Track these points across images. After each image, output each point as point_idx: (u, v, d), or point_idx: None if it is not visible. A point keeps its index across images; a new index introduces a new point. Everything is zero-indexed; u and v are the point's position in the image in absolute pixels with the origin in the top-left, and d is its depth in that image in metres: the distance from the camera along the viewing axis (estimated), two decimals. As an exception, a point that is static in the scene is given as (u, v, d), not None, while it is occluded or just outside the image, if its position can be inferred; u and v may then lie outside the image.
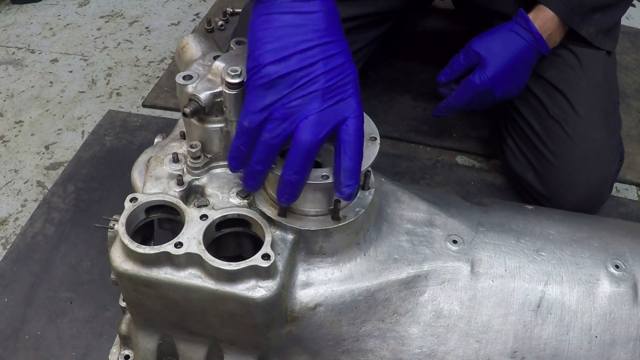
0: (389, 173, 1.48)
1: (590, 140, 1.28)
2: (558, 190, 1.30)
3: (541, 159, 1.32)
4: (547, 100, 1.32)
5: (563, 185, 1.29)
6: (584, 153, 1.27)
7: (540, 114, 1.33)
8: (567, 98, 1.29)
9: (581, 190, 1.28)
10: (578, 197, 1.29)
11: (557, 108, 1.31)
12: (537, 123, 1.34)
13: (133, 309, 0.83)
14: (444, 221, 0.91)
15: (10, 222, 1.39)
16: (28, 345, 1.13)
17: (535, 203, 1.37)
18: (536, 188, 1.34)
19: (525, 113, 1.36)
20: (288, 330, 0.81)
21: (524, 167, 1.38)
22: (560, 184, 1.30)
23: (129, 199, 0.78)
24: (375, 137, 0.80)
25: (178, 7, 2.17)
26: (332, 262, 0.81)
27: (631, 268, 0.89)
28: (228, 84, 0.76)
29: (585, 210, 1.27)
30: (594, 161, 1.28)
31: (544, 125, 1.32)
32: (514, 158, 1.41)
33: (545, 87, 1.33)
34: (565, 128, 1.29)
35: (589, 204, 1.31)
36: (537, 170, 1.34)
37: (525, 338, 0.85)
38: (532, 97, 1.35)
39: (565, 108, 1.29)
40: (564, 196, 1.30)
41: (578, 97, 1.29)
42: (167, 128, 1.57)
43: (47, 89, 1.78)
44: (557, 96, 1.31)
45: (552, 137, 1.30)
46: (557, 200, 1.31)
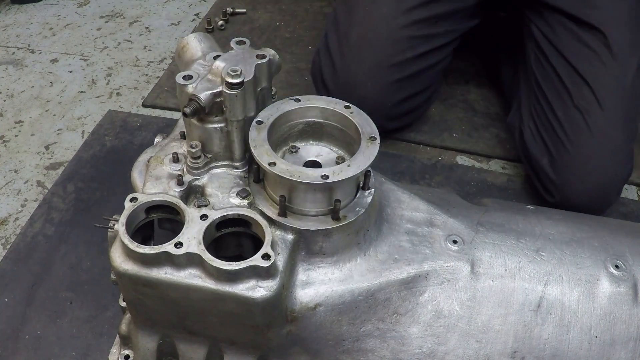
0: (389, 173, 1.48)
1: (610, 137, 1.29)
2: (569, 180, 1.31)
3: (559, 145, 1.33)
4: (573, 90, 1.34)
5: (575, 174, 1.30)
6: (601, 148, 1.29)
7: (565, 101, 1.35)
8: (594, 91, 1.31)
9: (592, 184, 1.29)
10: (587, 191, 1.30)
11: (581, 99, 1.32)
12: (560, 110, 1.35)
13: (133, 309, 0.83)
14: (444, 221, 0.91)
15: (10, 222, 1.39)
16: (28, 345, 1.13)
17: (544, 189, 1.39)
18: (548, 174, 1.36)
19: (551, 98, 1.38)
20: (288, 330, 0.81)
21: (541, 151, 1.39)
22: (573, 174, 1.31)
23: (129, 199, 0.78)
24: (375, 137, 0.80)
25: (178, 7, 2.17)
26: (332, 262, 0.81)
27: (631, 268, 0.89)
28: (228, 84, 0.76)
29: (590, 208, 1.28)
30: (609, 158, 1.29)
31: (566, 113, 1.34)
32: (533, 140, 1.42)
33: (574, 76, 1.34)
34: (587, 119, 1.30)
35: (595, 201, 1.31)
36: (553, 156, 1.35)
37: (525, 338, 0.85)
38: (560, 84, 1.37)
39: (590, 100, 1.31)
40: (574, 186, 1.31)
41: (604, 93, 1.31)
42: (167, 128, 1.57)
43: (47, 89, 1.78)
44: (584, 88, 1.32)
45: (572, 126, 1.32)
46: (566, 190, 1.32)
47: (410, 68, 1.42)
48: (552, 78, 1.39)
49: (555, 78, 1.38)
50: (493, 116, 1.69)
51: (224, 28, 2.02)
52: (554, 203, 1.34)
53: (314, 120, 0.86)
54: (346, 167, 0.76)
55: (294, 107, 0.84)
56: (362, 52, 1.41)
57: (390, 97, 1.44)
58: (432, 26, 1.43)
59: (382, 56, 1.40)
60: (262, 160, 0.76)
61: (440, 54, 1.48)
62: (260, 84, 0.82)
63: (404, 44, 1.40)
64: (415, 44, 1.41)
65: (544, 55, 1.42)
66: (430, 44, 1.43)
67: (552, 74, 1.39)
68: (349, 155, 0.84)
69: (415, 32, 1.41)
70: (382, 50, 1.40)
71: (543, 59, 1.43)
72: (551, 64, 1.40)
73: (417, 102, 1.52)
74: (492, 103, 1.73)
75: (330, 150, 0.87)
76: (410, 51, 1.41)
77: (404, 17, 1.40)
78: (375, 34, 1.40)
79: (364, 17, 1.42)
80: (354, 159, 0.77)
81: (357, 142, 0.80)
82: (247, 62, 0.80)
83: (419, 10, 1.40)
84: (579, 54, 1.34)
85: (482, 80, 1.80)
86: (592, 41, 1.33)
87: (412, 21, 1.40)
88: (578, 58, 1.34)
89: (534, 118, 1.43)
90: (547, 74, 1.41)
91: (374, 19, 1.41)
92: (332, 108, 0.84)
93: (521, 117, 1.49)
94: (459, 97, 1.75)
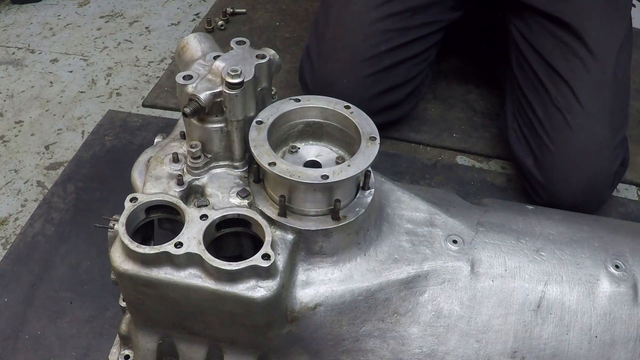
0: (389, 173, 1.48)
1: (591, 133, 1.28)
2: (554, 179, 1.31)
3: (541, 145, 1.33)
4: (552, 88, 1.34)
5: (559, 174, 1.30)
6: (583, 145, 1.28)
7: (544, 101, 1.35)
8: (572, 89, 1.30)
9: (576, 182, 1.29)
10: (573, 189, 1.29)
11: (560, 97, 1.32)
12: (540, 110, 1.35)
13: (133, 309, 0.83)
14: (444, 221, 0.91)
15: (10, 222, 1.39)
16: (28, 345, 1.13)
17: (533, 191, 1.39)
18: (534, 175, 1.35)
19: (531, 99, 1.38)
20: (288, 330, 0.81)
21: (525, 153, 1.39)
22: (557, 173, 1.30)
23: (129, 199, 0.78)
24: (375, 137, 0.80)
25: (178, 7, 2.17)
26: (332, 262, 0.81)
27: (631, 268, 0.89)
28: (228, 84, 0.76)
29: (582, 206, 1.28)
30: (593, 155, 1.28)
31: (546, 113, 1.33)
32: (517, 142, 1.42)
33: (552, 75, 1.34)
34: (566, 117, 1.29)
35: (585, 199, 1.31)
36: (537, 157, 1.35)
37: (525, 338, 0.85)
38: (539, 84, 1.37)
39: (568, 98, 1.30)
40: (559, 186, 1.30)
41: (583, 89, 1.30)
42: (167, 128, 1.57)
43: (47, 89, 1.78)
44: (562, 85, 1.32)
45: (553, 125, 1.31)
46: (553, 190, 1.32)
47: (385, 61, 1.42)
48: (531, 78, 1.39)
49: (534, 78, 1.38)
50: (493, 116, 1.69)
51: (224, 28, 2.02)
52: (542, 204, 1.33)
53: (314, 120, 0.86)
54: (346, 167, 0.76)
55: (294, 107, 0.84)
56: (337, 50, 1.42)
57: (366, 91, 1.43)
58: (407, 19, 1.43)
59: (356, 51, 1.40)
60: (262, 160, 0.76)
61: (419, 46, 1.47)
62: (260, 84, 0.82)
63: (377, 37, 1.41)
64: (389, 37, 1.41)
65: (523, 56, 1.42)
66: (406, 36, 1.43)
67: (530, 73, 1.40)
68: (349, 155, 0.84)
69: (390, 25, 1.41)
70: (356, 45, 1.41)
71: (522, 60, 1.43)
72: (529, 64, 1.40)
73: (398, 95, 1.51)
74: (492, 103, 1.73)
75: (330, 150, 0.87)
76: (385, 44, 1.41)
77: (376, 12, 1.40)
78: (348, 30, 1.41)
79: (338, 15, 1.44)
80: (354, 159, 0.77)
81: (357, 142, 0.80)
82: (247, 62, 0.80)
83: (393, 3, 1.41)
84: (554, 51, 1.34)
85: (482, 80, 1.80)
86: (567, 37, 1.33)
87: (385, 15, 1.40)
88: (554, 55, 1.34)
89: (517, 119, 1.43)
90: (527, 74, 1.41)
91: (348, 16, 1.42)
92: (332, 108, 0.84)
93: (506, 118, 1.49)
94: (459, 97, 1.75)
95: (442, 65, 1.81)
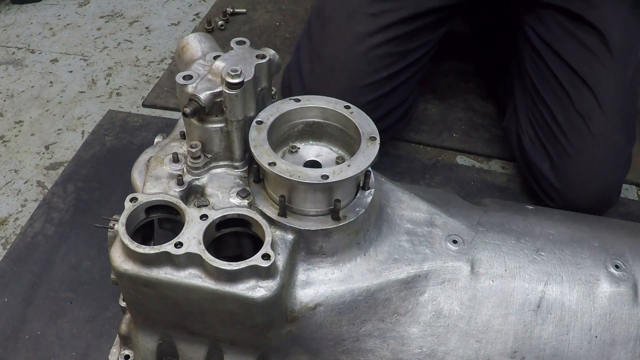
0: (389, 173, 1.47)
1: (612, 141, 1.27)
2: (572, 185, 1.29)
3: (560, 150, 1.31)
4: (573, 93, 1.30)
5: (578, 180, 1.28)
6: (604, 152, 1.26)
7: (565, 105, 1.31)
8: (595, 95, 1.27)
9: (593, 188, 1.27)
10: (589, 195, 1.28)
11: (583, 102, 1.28)
12: (560, 114, 1.32)
13: (133, 309, 0.83)
14: (444, 221, 0.91)
15: (10, 222, 1.39)
16: (28, 345, 1.13)
17: (545, 194, 1.37)
18: (550, 179, 1.33)
19: (550, 103, 1.34)
20: (288, 330, 0.81)
21: (541, 157, 1.36)
22: (575, 179, 1.28)
23: (129, 199, 0.78)
24: (375, 137, 0.80)
25: (178, 7, 2.17)
26: (332, 262, 0.81)
27: (631, 268, 0.89)
28: (228, 84, 0.76)
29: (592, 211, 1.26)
30: (612, 162, 1.27)
31: (567, 118, 1.30)
32: (532, 146, 1.39)
33: (574, 79, 1.31)
34: (588, 124, 1.27)
35: (597, 204, 1.30)
36: (554, 162, 1.32)
37: (525, 338, 0.85)
38: (559, 87, 1.33)
39: (591, 104, 1.27)
40: (576, 191, 1.29)
41: (605, 95, 1.27)
42: (167, 128, 1.57)
43: (47, 89, 1.78)
44: (585, 91, 1.29)
45: (573, 130, 1.29)
46: (569, 195, 1.30)
47: (385, 87, 1.35)
48: (549, 81, 1.35)
49: (553, 81, 1.34)
50: (493, 116, 1.69)
51: (224, 28, 2.02)
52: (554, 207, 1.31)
53: (314, 120, 0.86)
54: (346, 167, 0.76)
55: (294, 107, 0.84)
56: (335, 72, 1.32)
57: None
58: (408, 41, 1.36)
59: (356, 77, 1.32)
60: (262, 160, 0.76)
61: (416, 67, 1.41)
62: (260, 84, 0.82)
63: (379, 62, 1.33)
64: (392, 61, 1.34)
65: (540, 57, 1.38)
66: (407, 59, 1.36)
67: (549, 76, 1.35)
68: (349, 155, 0.84)
69: (393, 48, 1.33)
70: (356, 70, 1.32)
71: (539, 61, 1.38)
72: (548, 66, 1.35)
73: (393, 119, 1.45)
74: (492, 103, 1.73)
75: (330, 150, 0.87)
76: (386, 70, 1.33)
77: (381, 35, 1.31)
78: (349, 53, 1.32)
79: (338, 34, 1.33)
80: (354, 159, 0.77)
81: (357, 142, 0.80)
82: (247, 62, 0.80)
83: (399, 26, 1.33)
84: (577, 55, 1.31)
85: (482, 81, 1.80)
86: (591, 42, 1.29)
87: (390, 38, 1.32)
88: (577, 59, 1.31)
89: (532, 124, 1.39)
90: (544, 76, 1.37)
91: (350, 37, 1.32)
92: (332, 108, 0.84)
93: (518, 122, 1.46)
94: (459, 97, 1.75)
95: (442, 65, 1.81)
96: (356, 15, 1.33)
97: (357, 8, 1.33)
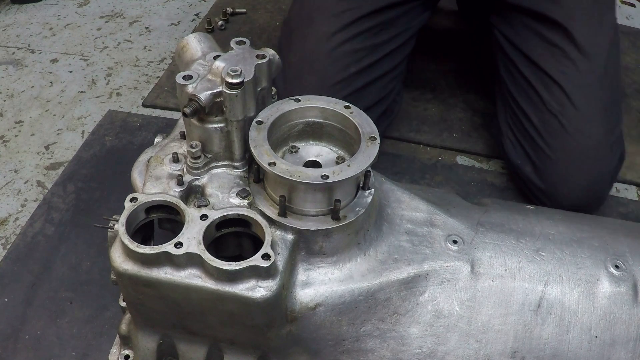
0: (389, 173, 1.48)
1: (587, 135, 1.28)
2: (555, 185, 1.30)
3: (539, 152, 1.32)
4: (544, 93, 1.32)
5: (560, 179, 1.29)
6: (581, 148, 1.27)
7: (538, 106, 1.33)
8: (565, 91, 1.29)
9: (578, 185, 1.28)
10: (575, 193, 1.29)
11: (554, 101, 1.30)
12: (535, 116, 1.33)
13: (133, 309, 0.83)
14: (444, 221, 0.90)
15: (10, 222, 1.39)
16: (28, 345, 1.13)
17: (534, 197, 1.38)
18: (534, 181, 1.34)
19: (524, 106, 1.36)
20: (288, 330, 0.81)
21: (523, 160, 1.38)
22: (557, 178, 1.30)
23: (129, 199, 0.78)
24: (375, 137, 0.80)
25: (178, 7, 2.17)
26: (332, 262, 0.81)
27: (631, 268, 0.89)
28: (228, 84, 0.76)
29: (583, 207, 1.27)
30: (591, 157, 1.28)
31: (541, 119, 1.32)
32: (513, 151, 1.41)
33: (543, 78, 1.32)
34: (562, 121, 1.28)
35: (587, 201, 1.30)
36: (535, 164, 1.34)
37: (525, 338, 0.85)
38: (530, 89, 1.35)
39: (562, 101, 1.29)
40: (560, 190, 1.30)
41: (576, 90, 1.29)
42: (167, 128, 1.57)
43: (47, 89, 1.78)
44: (555, 89, 1.30)
45: (549, 130, 1.30)
46: (554, 195, 1.31)
47: (356, 83, 1.35)
48: (521, 84, 1.36)
49: (524, 83, 1.35)
50: (493, 116, 1.69)
51: (224, 28, 2.02)
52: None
53: (314, 120, 0.86)
54: (346, 167, 0.76)
55: (294, 107, 0.84)
56: (304, 75, 1.34)
57: None
58: (375, 36, 1.36)
59: (324, 76, 1.33)
60: (262, 160, 0.76)
61: (390, 62, 1.41)
62: (260, 84, 0.82)
63: (346, 59, 1.33)
64: (359, 57, 1.34)
65: (511, 61, 1.39)
66: (377, 54, 1.37)
67: (521, 79, 1.37)
68: (349, 155, 0.84)
69: (357, 45, 1.34)
70: (323, 70, 1.33)
71: (511, 65, 1.40)
72: (519, 69, 1.37)
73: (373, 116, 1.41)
74: (492, 103, 1.73)
75: (330, 150, 0.87)
76: (354, 66, 1.34)
77: (345, 32, 1.33)
78: (314, 53, 1.34)
79: (302, 38, 1.36)
80: (354, 159, 0.77)
81: (357, 142, 0.80)
82: (247, 62, 0.80)
83: (362, 22, 1.34)
84: (545, 54, 1.32)
85: (482, 80, 1.80)
86: (557, 39, 1.31)
87: (354, 34, 1.33)
88: (545, 58, 1.32)
89: (511, 128, 1.41)
90: (516, 80, 1.38)
91: (313, 38, 1.34)
92: (332, 108, 0.84)
93: (498, 127, 1.47)
94: (459, 97, 1.75)
95: (442, 65, 1.81)
96: (318, 19, 1.35)
97: (319, 12, 1.36)
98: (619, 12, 2.10)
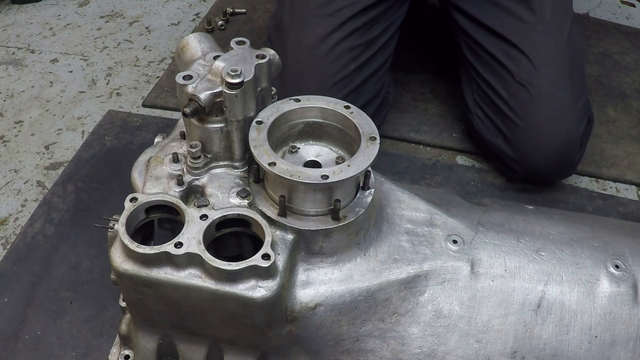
0: (389, 173, 1.48)
1: (555, 99, 1.31)
2: (527, 152, 1.34)
3: (509, 123, 1.36)
4: (512, 66, 1.35)
5: (531, 145, 1.33)
6: (549, 112, 1.31)
7: (506, 79, 1.37)
8: (531, 61, 1.33)
9: (548, 150, 1.32)
10: (546, 157, 1.33)
11: (522, 72, 1.34)
12: (503, 89, 1.37)
13: (133, 309, 0.83)
14: (444, 221, 0.91)
15: (10, 222, 1.39)
16: (28, 345, 1.13)
17: (507, 168, 1.42)
18: (506, 152, 1.39)
19: (491, 80, 1.40)
20: (288, 330, 0.81)
21: (493, 134, 1.42)
22: (528, 145, 1.34)
23: (129, 199, 0.78)
24: (375, 137, 0.80)
25: (178, 7, 2.17)
26: (332, 262, 0.81)
27: (631, 268, 0.89)
28: (228, 84, 0.76)
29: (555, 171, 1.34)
30: (559, 119, 1.31)
31: (509, 91, 1.36)
32: (483, 126, 1.44)
33: (511, 52, 1.36)
34: (530, 90, 1.32)
35: (558, 166, 1.35)
36: (506, 135, 1.38)
37: (525, 338, 0.85)
38: (497, 64, 1.38)
39: (530, 71, 1.33)
40: (532, 157, 1.34)
41: (543, 59, 1.33)
42: (167, 128, 1.57)
43: (47, 89, 1.78)
44: (522, 59, 1.34)
45: (518, 100, 1.34)
46: (527, 163, 1.35)
47: (356, 80, 1.37)
48: (487, 60, 1.40)
49: (490, 59, 1.39)
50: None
51: (224, 28, 2.02)
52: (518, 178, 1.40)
53: (314, 120, 0.86)
54: (346, 167, 0.76)
55: (294, 107, 0.84)
56: (303, 78, 1.34)
57: None
58: (369, 31, 1.38)
59: (324, 77, 1.33)
60: (262, 160, 0.76)
61: (382, 56, 1.43)
62: (260, 84, 0.83)
63: (345, 57, 1.35)
64: (356, 54, 1.36)
65: (474, 40, 1.42)
66: (372, 48, 1.39)
67: (486, 55, 1.40)
68: (349, 155, 0.84)
69: (355, 41, 1.36)
70: (323, 71, 1.34)
71: (474, 44, 1.43)
72: (483, 47, 1.40)
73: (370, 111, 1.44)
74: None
75: (330, 150, 0.87)
76: (353, 62, 1.36)
77: (340, 31, 1.34)
78: (312, 56, 1.34)
79: (298, 41, 1.36)
80: (354, 159, 0.77)
81: (357, 142, 0.80)
82: (247, 62, 0.80)
83: (356, 19, 1.35)
84: (510, 26, 1.36)
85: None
86: (522, 10, 1.35)
87: (349, 32, 1.35)
88: (511, 31, 1.36)
89: (479, 104, 1.45)
90: (481, 57, 1.42)
91: (309, 41, 1.35)
92: (332, 108, 0.84)
93: (466, 106, 1.51)
94: (459, 97, 1.75)
95: (441, 65, 1.81)
96: (311, 21, 1.36)
97: (311, 13, 1.36)
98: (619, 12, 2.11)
